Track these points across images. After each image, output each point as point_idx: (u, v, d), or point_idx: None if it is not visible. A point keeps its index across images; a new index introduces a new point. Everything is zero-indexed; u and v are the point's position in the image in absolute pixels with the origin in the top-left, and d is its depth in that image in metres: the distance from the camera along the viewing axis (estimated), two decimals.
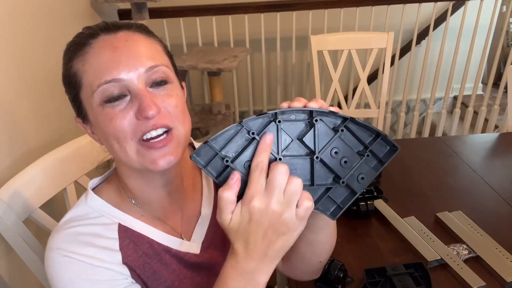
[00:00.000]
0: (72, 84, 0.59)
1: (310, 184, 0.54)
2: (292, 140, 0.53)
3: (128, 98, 0.56)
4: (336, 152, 0.53)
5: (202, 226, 0.73)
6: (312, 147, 0.53)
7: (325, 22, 2.33)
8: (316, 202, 0.55)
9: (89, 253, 0.60)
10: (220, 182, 0.51)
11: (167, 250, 0.68)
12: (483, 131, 2.74)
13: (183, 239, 0.71)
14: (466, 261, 0.90)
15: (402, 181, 1.22)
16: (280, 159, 0.52)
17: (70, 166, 0.94)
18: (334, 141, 0.53)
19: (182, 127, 0.60)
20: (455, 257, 0.90)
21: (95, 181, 0.69)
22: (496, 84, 2.71)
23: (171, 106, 0.58)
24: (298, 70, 2.79)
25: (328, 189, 0.54)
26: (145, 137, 0.56)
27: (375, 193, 1.06)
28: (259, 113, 0.52)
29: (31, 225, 0.85)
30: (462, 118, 2.80)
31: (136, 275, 0.64)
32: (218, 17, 2.30)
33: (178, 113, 0.59)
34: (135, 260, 0.64)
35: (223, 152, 0.51)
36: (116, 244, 0.63)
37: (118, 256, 0.62)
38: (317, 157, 0.53)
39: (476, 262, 0.90)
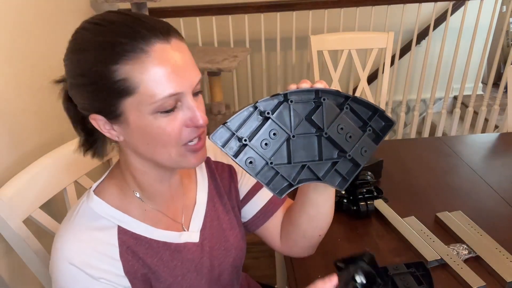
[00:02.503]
0: (116, 89, 0.55)
1: (319, 159, 0.58)
2: (302, 119, 0.57)
3: (179, 106, 0.59)
4: (342, 128, 0.57)
5: (198, 214, 0.76)
6: (320, 124, 0.57)
7: (325, 22, 2.33)
8: (324, 176, 0.59)
9: (92, 262, 0.62)
10: (239, 160, 0.55)
11: (167, 246, 0.69)
12: (483, 131, 2.74)
13: (184, 229, 0.73)
14: (466, 261, 0.90)
15: (402, 181, 1.22)
16: (293, 136, 0.56)
17: (70, 166, 0.94)
18: (340, 118, 0.57)
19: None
20: (455, 257, 0.90)
21: (97, 183, 0.70)
22: (496, 84, 2.71)
23: (204, 113, 0.62)
24: (298, 70, 2.79)
25: (334, 164, 0.59)
26: (190, 143, 0.61)
27: (375, 193, 1.06)
28: (274, 94, 0.55)
29: (31, 225, 0.85)
30: (462, 118, 2.80)
31: (138, 282, 0.66)
32: (218, 17, 2.30)
33: (207, 119, 0.63)
34: (134, 265, 0.66)
35: (239, 133, 0.54)
36: (116, 253, 0.65)
37: (119, 265, 0.64)
38: (325, 134, 0.57)
39: (476, 262, 0.90)
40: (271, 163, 0.56)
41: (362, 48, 1.87)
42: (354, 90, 2.03)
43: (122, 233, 0.66)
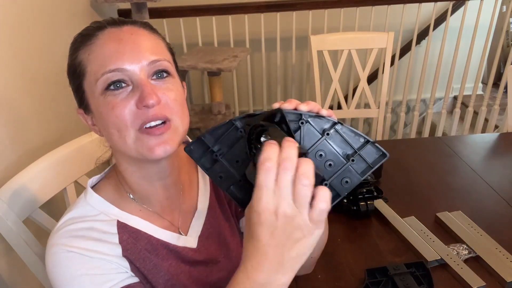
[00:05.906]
0: (76, 74, 0.60)
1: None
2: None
3: (130, 88, 0.58)
4: (320, 155, 0.53)
5: (198, 220, 0.74)
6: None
7: (325, 22, 2.33)
8: None
9: (88, 246, 0.61)
10: (210, 174, 0.53)
11: (165, 245, 0.69)
12: (483, 131, 2.74)
13: (181, 233, 0.72)
14: (466, 261, 0.90)
15: (402, 181, 1.22)
16: None
17: (70, 166, 0.94)
18: (320, 144, 0.53)
19: (180, 120, 0.61)
20: (455, 257, 0.90)
21: (94, 179, 0.70)
22: (496, 84, 2.71)
23: (171, 99, 0.60)
24: (298, 70, 2.79)
25: None
26: (144, 127, 0.58)
27: (375, 193, 1.06)
28: (250, 113, 0.53)
29: (31, 225, 0.85)
30: (462, 118, 2.80)
31: (135, 268, 0.65)
32: (218, 17, 2.30)
33: (177, 107, 0.60)
34: (135, 254, 0.65)
35: (215, 148, 0.53)
36: (115, 238, 0.64)
37: (118, 249, 0.63)
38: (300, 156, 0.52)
39: (476, 262, 0.90)
40: (240, 180, 0.53)
41: (362, 48, 1.87)
42: (354, 90, 2.03)
43: (122, 226, 0.65)
